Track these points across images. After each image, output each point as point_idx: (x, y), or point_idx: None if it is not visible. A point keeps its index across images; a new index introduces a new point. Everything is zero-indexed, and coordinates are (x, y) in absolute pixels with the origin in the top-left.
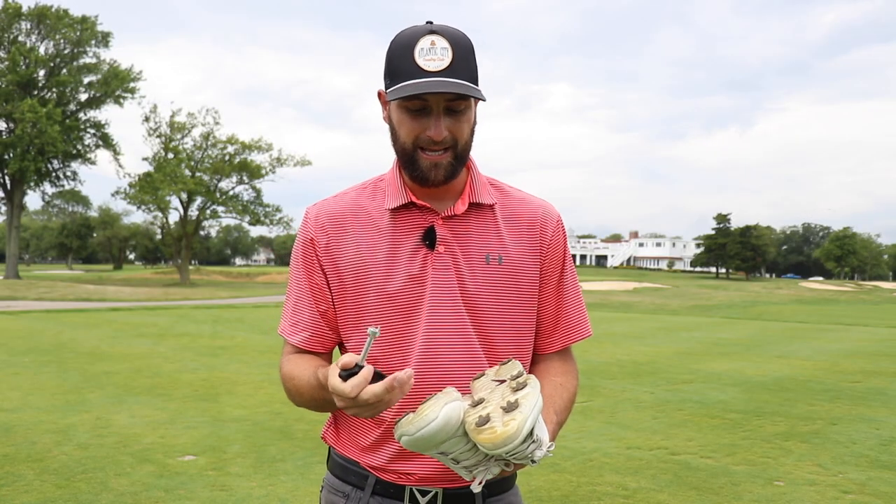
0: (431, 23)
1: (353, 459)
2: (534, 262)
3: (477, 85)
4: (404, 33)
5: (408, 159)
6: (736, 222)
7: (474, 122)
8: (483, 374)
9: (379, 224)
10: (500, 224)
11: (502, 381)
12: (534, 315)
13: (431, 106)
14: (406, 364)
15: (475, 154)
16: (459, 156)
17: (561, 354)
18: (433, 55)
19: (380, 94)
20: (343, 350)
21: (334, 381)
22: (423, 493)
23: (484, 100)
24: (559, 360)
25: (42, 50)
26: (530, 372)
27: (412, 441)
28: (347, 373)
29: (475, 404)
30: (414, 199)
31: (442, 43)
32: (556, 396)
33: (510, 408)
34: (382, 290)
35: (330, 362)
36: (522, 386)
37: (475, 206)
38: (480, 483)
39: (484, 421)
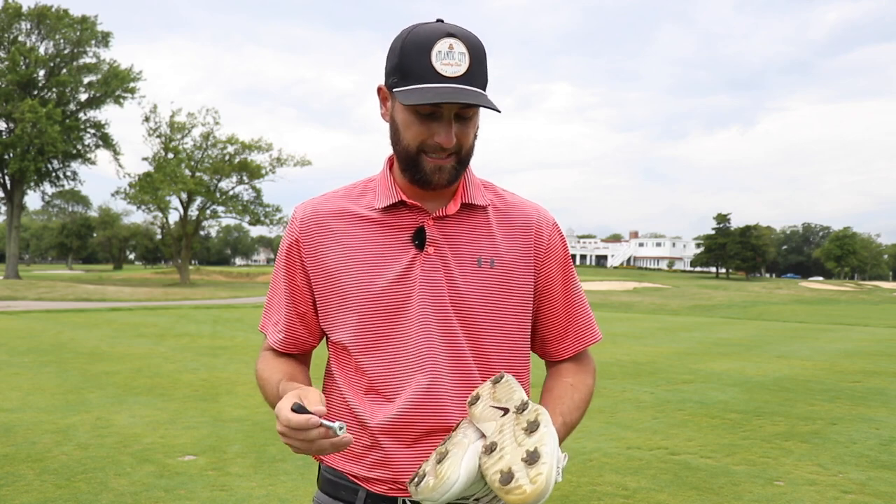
0: (442, 21)
1: (341, 472)
2: (527, 267)
3: (485, 90)
4: (419, 32)
5: (410, 162)
6: (736, 222)
7: (477, 127)
8: (478, 398)
9: (367, 223)
10: (493, 226)
11: (504, 409)
12: (527, 320)
13: (443, 112)
14: (390, 366)
15: (474, 154)
16: (463, 161)
17: (574, 357)
18: (451, 59)
19: (380, 90)
20: (331, 346)
21: (284, 405)
22: None
23: (499, 111)
24: (572, 363)
25: (42, 50)
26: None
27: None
28: (299, 407)
29: (489, 449)
30: (405, 198)
31: (460, 48)
32: (566, 397)
33: (532, 459)
34: (367, 289)
35: (305, 364)
36: (535, 426)
37: (468, 208)
38: None
39: (508, 478)
